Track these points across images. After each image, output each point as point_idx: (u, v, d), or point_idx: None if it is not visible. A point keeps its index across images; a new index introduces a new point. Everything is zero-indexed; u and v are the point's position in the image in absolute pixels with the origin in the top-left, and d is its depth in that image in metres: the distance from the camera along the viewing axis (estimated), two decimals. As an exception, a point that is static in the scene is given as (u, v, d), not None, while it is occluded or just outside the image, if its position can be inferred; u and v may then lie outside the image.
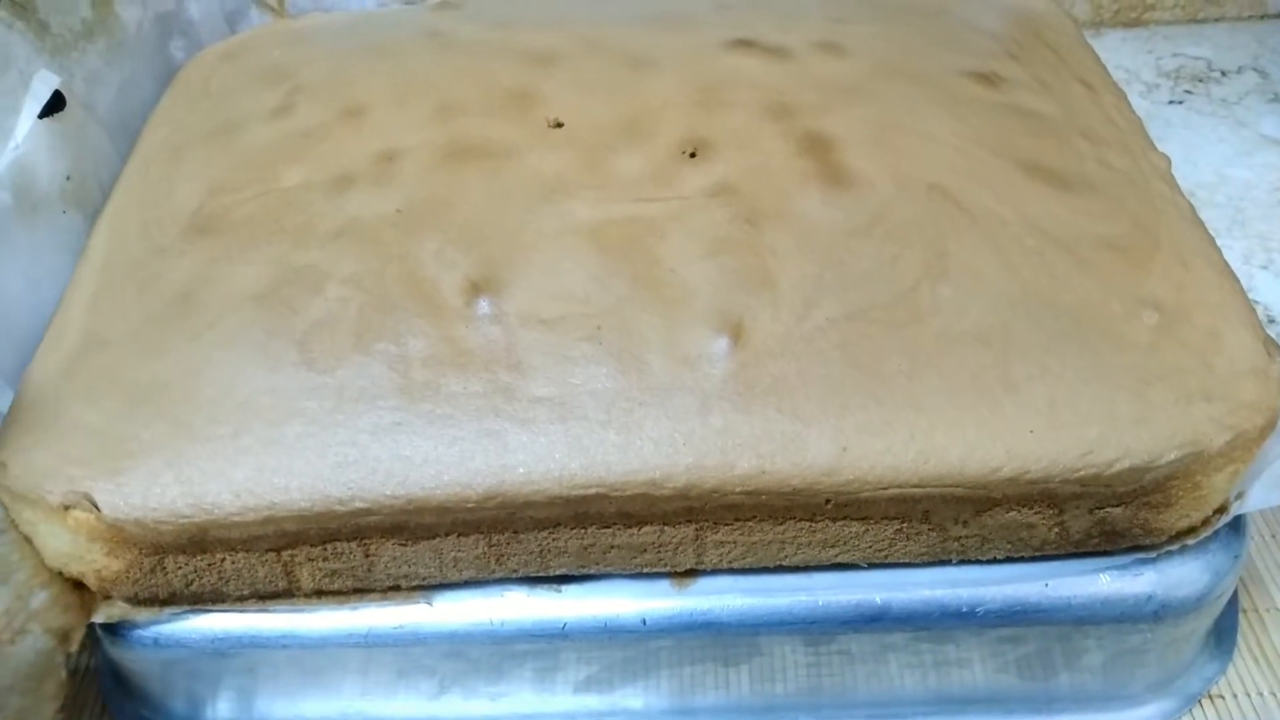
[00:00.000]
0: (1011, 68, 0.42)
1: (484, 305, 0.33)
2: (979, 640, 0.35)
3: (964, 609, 0.34)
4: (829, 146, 0.36)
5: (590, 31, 0.42)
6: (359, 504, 0.31)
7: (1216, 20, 0.70)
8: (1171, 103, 0.66)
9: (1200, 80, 0.65)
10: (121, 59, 0.46)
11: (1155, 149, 0.40)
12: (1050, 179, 0.36)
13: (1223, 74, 0.68)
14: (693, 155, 0.37)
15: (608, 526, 0.32)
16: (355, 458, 0.31)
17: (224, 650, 0.35)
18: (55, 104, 0.41)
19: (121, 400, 0.33)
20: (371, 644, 0.34)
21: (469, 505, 0.31)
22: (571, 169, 0.36)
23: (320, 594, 0.34)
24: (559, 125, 0.38)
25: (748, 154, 0.36)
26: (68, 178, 0.41)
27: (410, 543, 0.32)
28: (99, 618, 0.34)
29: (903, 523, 0.32)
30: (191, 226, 0.37)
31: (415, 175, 0.37)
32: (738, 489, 0.30)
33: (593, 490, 0.31)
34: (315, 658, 0.35)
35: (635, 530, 0.32)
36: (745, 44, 0.41)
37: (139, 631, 0.35)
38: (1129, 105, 0.42)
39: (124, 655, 0.36)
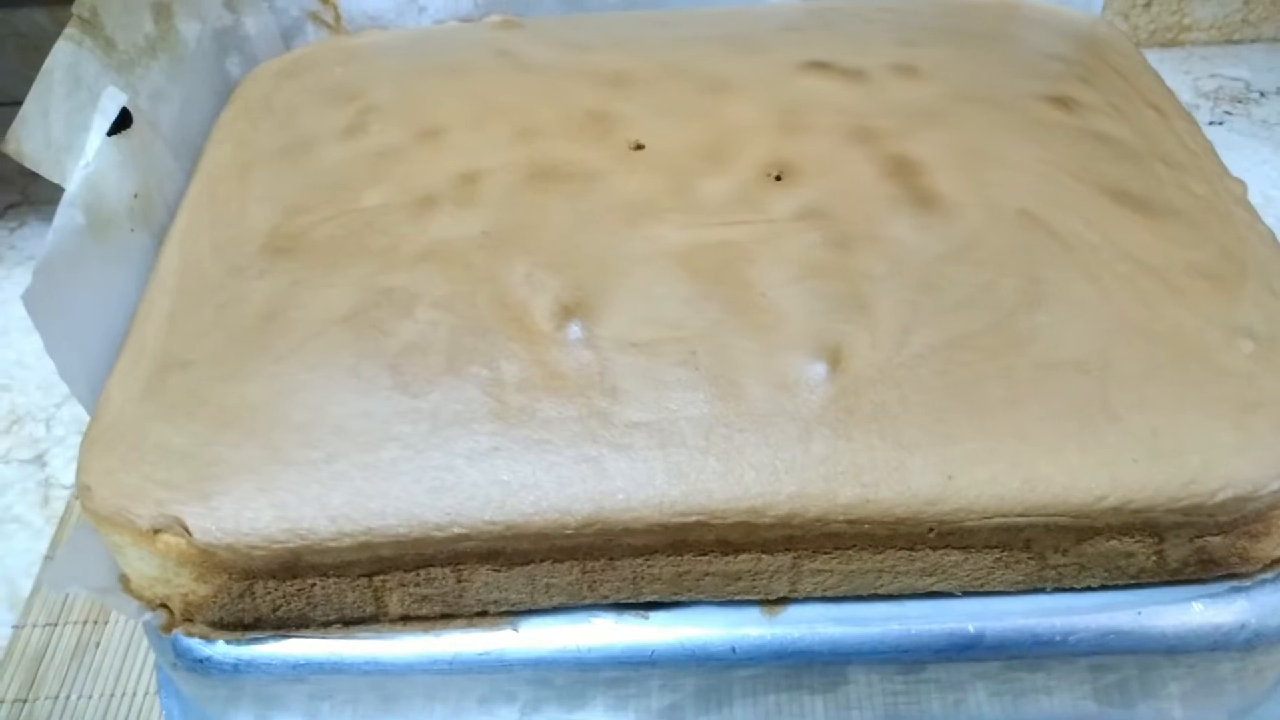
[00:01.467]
0: (1084, 92, 0.42)
1: (575, 329, 0.33)
2: (1069, 668, 0.34)
3: (1057, 637, 0.33)
4: (915, 171, 0.36)
5: (663, 53, 0.42)
6: (457, 530, 0.31)
7: (1253, 41, 0.70)
8: (1212, 124, 0.67)
9: (1239, 101, 0.66)
10: (182, 75, 0.46)
11: (1230, 174, 0.40)
12: (1136, 205, 0.36)
13: (1261, 95, 0.68)
14: (778, 178, 0.36)
15: (704, 554, 0.31)
16: (452, 483, 0.31)
17: (304, 676, 0.34)
18: (122, 121, 0.41)
19: (207, 423, 0.33)
20: (456, 670, 0.34)
21: (567, 532, 0.31)
22: (656, 192, 0.36)
23: (406, 619, 0.34)
24: (639, 148, 0.38)
25: (833, 177, 0.36)
26: (135, 195, 0.41)
27: (504, 568, 0.32)
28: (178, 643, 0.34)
29: (1003, 551, 0.32)
30: (268, 247, 0.37)
31: (498, 197, 0.36)
32: (840, 518, 0.30)
33: (693, 518, 0.30)
34: (396, 684, 0.35)
35: (732, 558, 0.32)
36: (820, 66, 0.41)
37: (217, 657, 0.34)
38: (1200, 130, 0.42)
39: (197, 681, 0.35)
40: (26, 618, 0.45)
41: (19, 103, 0.71)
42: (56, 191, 0.63)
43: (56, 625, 0.44)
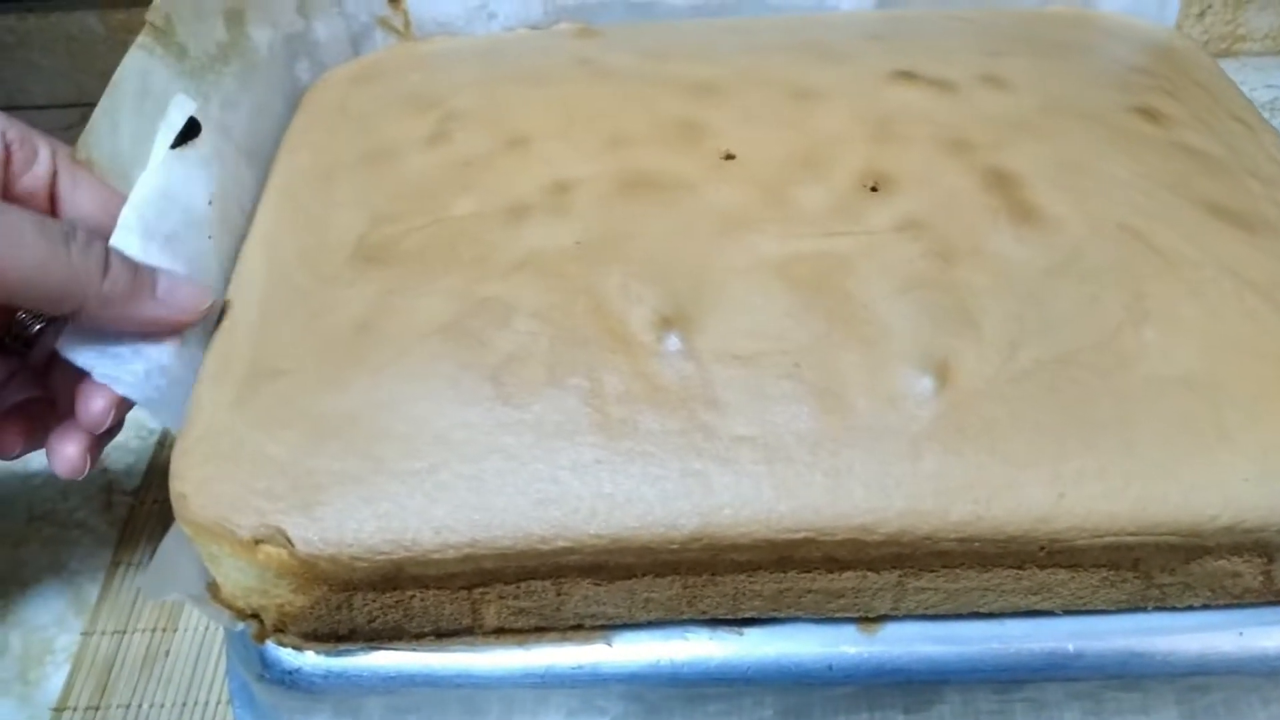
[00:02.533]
0: (1170, 105, 0.41)
1: (674, 341, 0.33)
2: (1167, 688, 0.34)
3: (1158, 657, 0.33)
4: (1014, 183, 0.36)
5: (745, 61, 0.42)
6: (562, 543, 0.30)
7: (1308, 51, 0.70)
8: (1269, 136, 0.66)
9: (1294, 112, 0.65)
10: (253, 81, 0.46)
11: (1320, 189, 0.39)
12: (1233, 220, 0.36)
13: (1316, 105, 0.68)
14: (874, 189, 0.36)
15: (809, 571, 0.31)
16: (557, 495, 0.31)
17: (395, 689, 0.34)
18: (190, 130, 0.40)
19: (306, 432, 0.32)
20: (548, 683, 0.34)
21: (673, 547, 0.30)
22: (751, 202, 0.36)
23: (501, 632, 0.33)
24: (730, 157, 0.38)
25: (931, 189, 0.36)
26: (209, 202, 0.40)
27: (605, 582, 0.32)
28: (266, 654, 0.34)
29: (1110, 570, 0.31)
30: (358, 255, 0.37)
31: (590, 207, 0.36)
32: (952, 535, 0.30)
33: (801, 535, 0.30)
34: (486, 697, 0.34)
35: (836, 575, 0.31)
36: (908, 76, 0.40)
37: (307, 668, 0.34)
38: (1285, 144, 0.41)
39: (282, 693, 0.35)
40: (95, 624, 0.44)
41: (70, 105, 0.72)
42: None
43: (125, 632, 0.44)
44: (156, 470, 0.50)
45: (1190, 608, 0.33)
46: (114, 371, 0.33)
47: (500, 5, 0.49)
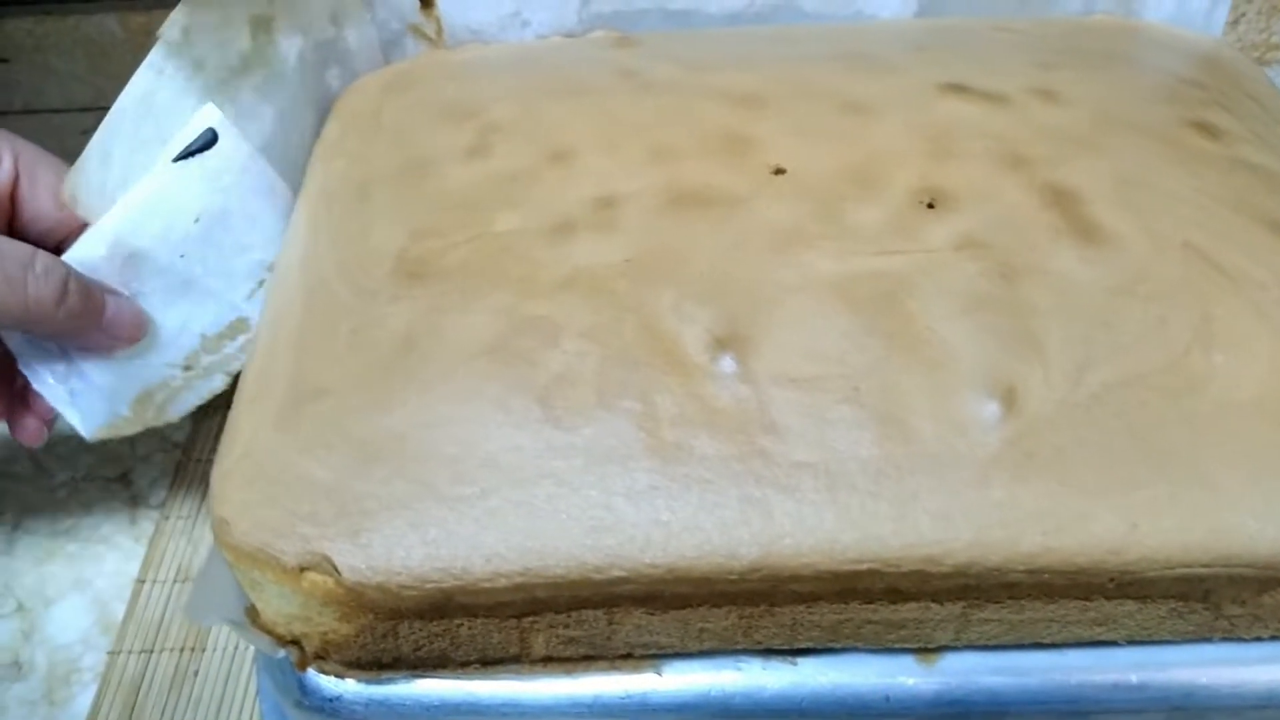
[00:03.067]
0: (1224, 118, 0.40)
1: (729, 362, 0.32)
2: (1231, 721, 0.33)
3: (1225, 689, 0.32)
4: (1074, 200, 0.35)
5: (790, 72, 0.41)
6: (616, 572, 0.29)
7: (1339, 61, 0.69)
8: (1304, 146, 0.65)
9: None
10: (277, 90, 0.45)
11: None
12: (1297, 239, 0.35)
13: (1352, 116, 0.67)
14: (930, 206, 0.35)
15: (870, 602, 0.30)
16: (611, 523, 0.30)
17: (437, 717, 0.33)
18: (206, 143, 0.39)
19: (351, 455, 0.31)
20: (596, 712, 0.33)
21: (731, 577, 0.29)
22: (804, 219, 0.35)
23: (548, 660, 0.32)
24: (780, 171, 0.37)
25: (989, 206, 0.35)
26: (196, 220, 0.39)
27: (658, 612, 0.31)
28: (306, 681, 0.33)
29: (1179, 602, 0.30)
30: (400, 270, 0.36)
31: (639, 223, 0.35)
32: (1021, 567, 0.29)
33: (865, 565, 0.29)
34: (529, 726, 0.33)
35: (899, 606, 0.30)
36: (959, 88, 0.39)
37: (348, 696, 0.33)
38: (1340, 159, 0.40)
39: None
40: (121, 643, 0.44)
41: (87, 109, 0.71)
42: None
43: (153, 652, 0.43)
44: (181, 484, 0.49)
45: (1258, 639, 0.32)
46: (51, 387, 0.38)
47: (534, 13, 0.48)
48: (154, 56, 0.38)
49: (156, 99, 0.38)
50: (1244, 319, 0.32)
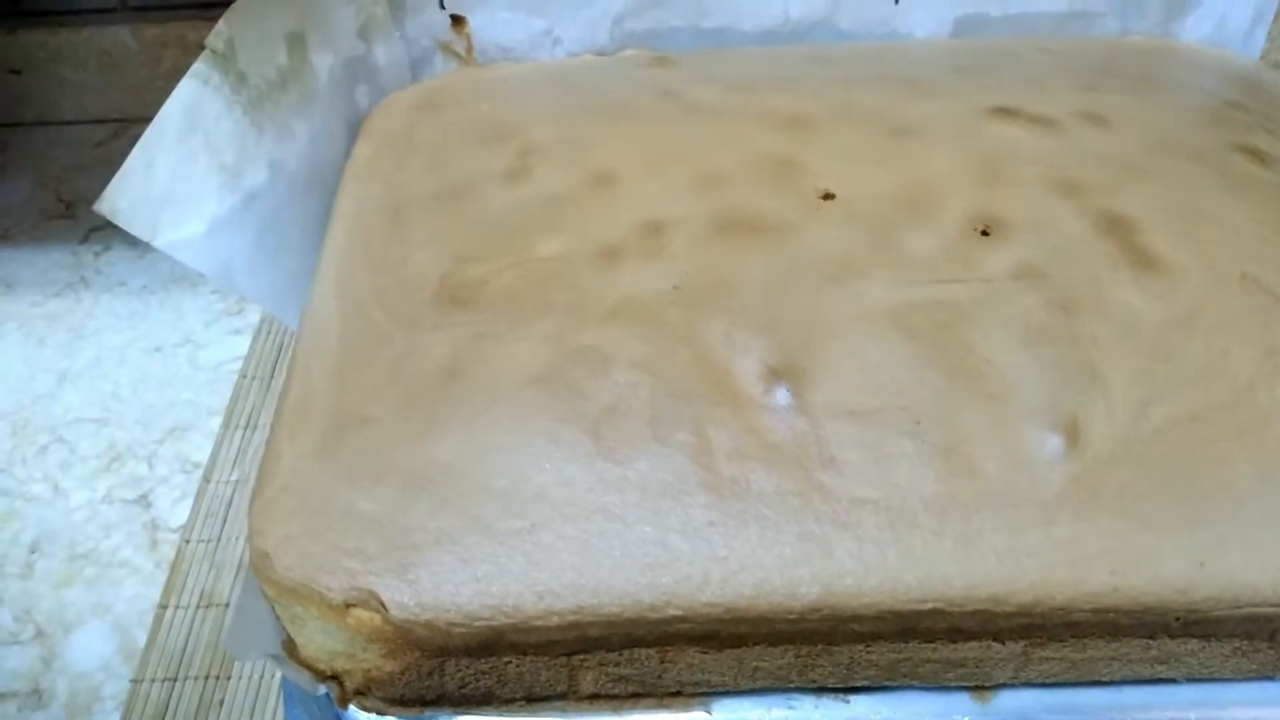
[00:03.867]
0: (1270, 142, 0.40)
1: (784, 394, 0.31)
2: (1291, 762, 0.32)
3: (1286, 730, 0.31)
4: (1129, 229, 0.34)
5: (835, 95, 0.40)
6: (672, 611, 0.29)
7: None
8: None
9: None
10: (311, 108, 0.44)
11: None
12: (1354, 269, 0.34)
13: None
14: (984, 233, 0.35)
15: (932, 641, 0.30)
16: (667, 560, 0.29)
17: (478, 755, 0.32)
18: None
19: (397, 487, 0.31)
20: (643, 752, 0.32)
21: (790, 616, 0.29)
22: (857, 246, 0.34)
23: (595, 698, 0.32)
24: (829, 197, 0.36)
25: (1045, 234, 0.34)
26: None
27: (713, 650, 0.30)
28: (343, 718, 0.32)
29: (1244, 640, 0.30)
30: (441, 297, 0.35)
31: (687, 249, 0.35)
32: (1087, 606, 0.28)
33: (929, 605, 0.28)
34: (574, 763, 0.33)
35: (959, 645, 0.30)
36: (1008, 112, 0.39)
37: (390, 734, 0.32)
38: (1386, 185, 0.40)
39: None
40: (144, 671, 0.43)
41: (100, 121, 0.70)
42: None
43: (177, 680, 0.42)
44: (202, 506, 0.48)
45: (1319, 678, 0.32)
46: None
47: (565, 30, 0.48)
48: (200, 66, 0.38)
49: (203, 109, 0.38)
50: (1306, 352, 0.32)
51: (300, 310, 0.37)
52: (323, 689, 0.31)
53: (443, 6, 0.47)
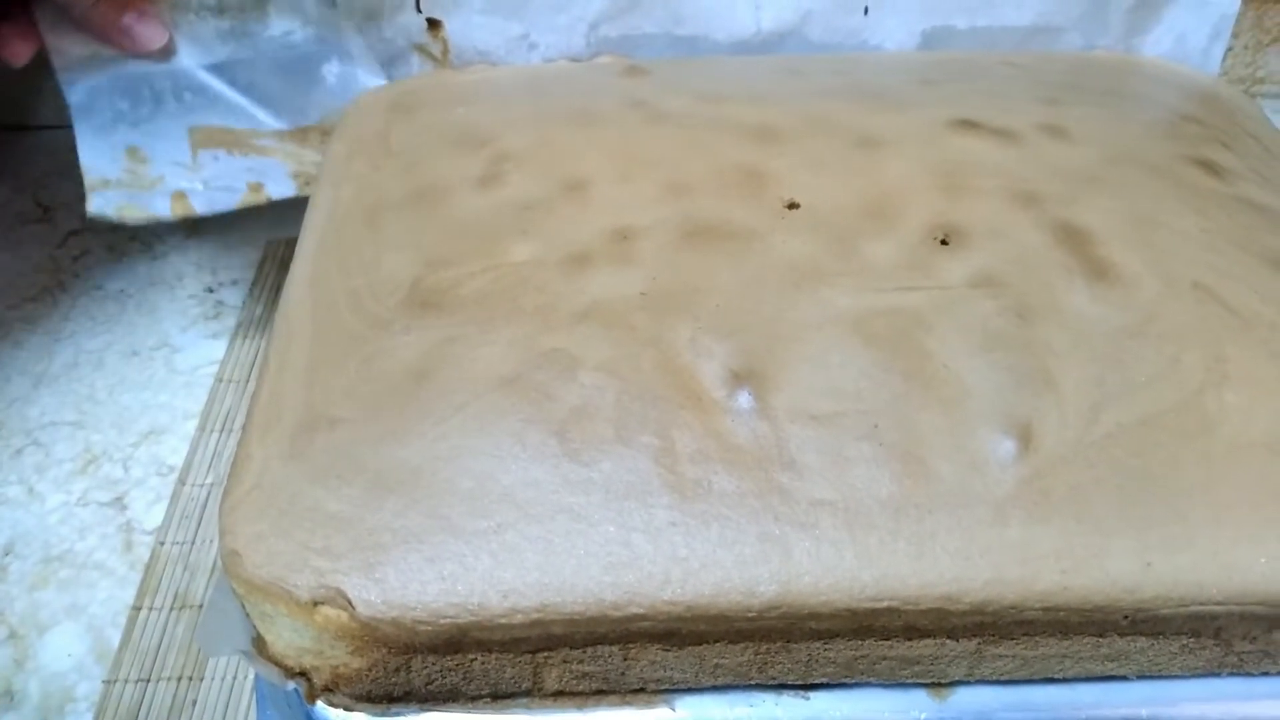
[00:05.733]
0: (1227, 156, 0.41)
1: (747, 398, 0.32)
2: (1238, 757, 0.33)
3: (1233, 726, 0.32)
4: (1086, 239, 0.35)
5: (804, 106, 0.41)
6: (634, 609, 0.29)
7: (1322, 94, 0.70)
8: (1291, 179, 0.66)
9: (1317, 155, 0.65)
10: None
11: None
12: (1303, 278, 0.35)
13: (1337, 150, 0.68)
14: (944, 242, 0.35)
15: (887, 639, 0.30)
16: (629, 559, 0.30)
17: (445, 751, 0.33)
18: None
19: (365, 487, 0.31)
20: (607, 749, 0.32)
21: (749, 614, 0.29)
22: (820, 254, 0.35)
23: (560, 695, 0.32)
24: (794, 206, 0.37)
25: (1003, 243, 0.35)
26: None
27: (675, 648, 0.31)
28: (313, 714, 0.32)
29: (1191, 638, 0.31)
30: (412, 300, 0.35)
31: (655, 256, 0.35)
32: (1037, 605, 0.29)
33: (885, 604, 0.29)
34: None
35: (915, 643, 0.30)
36: (970, 125, 0.40)
37: (357, 732, 0.32)
38: (1339, 198, 0.41)
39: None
40: (117, 672, 0.43)
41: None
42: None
43: (150, 681, 0.43)
44: (178, 509, 0.48)
45: (1265, 674, 0.32)
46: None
47: (541, 35, 0.48)
48: None
49: None
50: (1256, 359, 0.33)
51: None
52: (291, 685, 0.32)
53: (419, 9, 0.48)
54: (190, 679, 0.43)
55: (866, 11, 0.47)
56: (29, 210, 0.65)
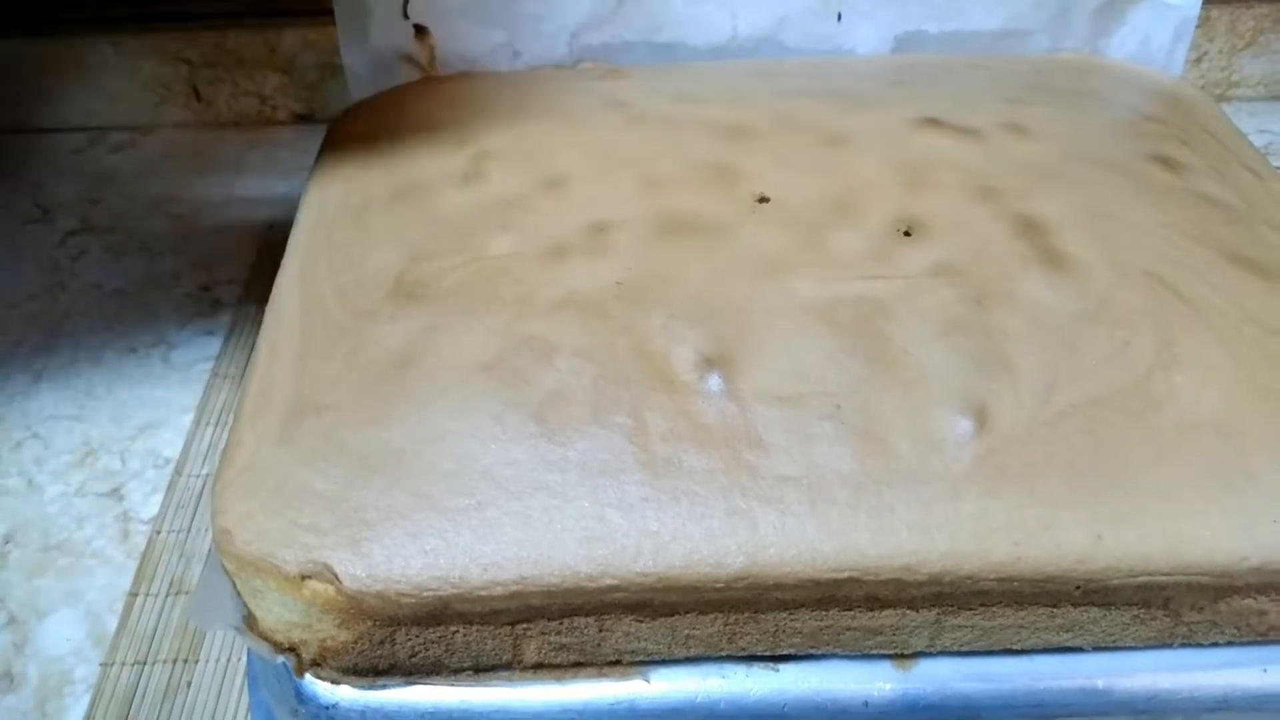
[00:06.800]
0: (1185, 153, 0.43)
1: (716, 380, 0.33)
2: (1191, 726, 0.35)
3: (1183, 693, 0.33)
4: (1043, 230, 0.37)
5: (776, 107, 0.43)
6: (608, 581, 0.31)
7: (1299, 98, 0.71)
8: (1264, 180, 0.68)
9: (1289, 157, 0.67)
10: None
11: (1328, 237, 0.40)
12: (1253, 268, 0.37)
13: (1310, 151, 0.70)
14: (907, 234, 0.37)
15: (850, 609, 0.32)
16: (603, 533, 0.31)
17: (429, 723, 0.34)
18: None
19: (351, 468, 0.33)
20: (586, 719, 0.34)
21: (718, 585, 0.31)
22: (788, 246, 0.36)
23: (539, 667, 0.34)
24: (764, 201, 0.38)
25: (963, 235, 0.37)
26: None
27: (647, 619, 0.32)
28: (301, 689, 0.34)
29: (1141, 609, 0.32)
30: (397, 292, 0.37)
31: (630, 248, 0.37)
32: (992, 575, 0.30)
33: (845, 574, 0.31)
34: (521, 732, 0.34)
35: (876, 613, 0.32)
36: (934, 123, 0.41)
37: (344, 704, 0.34)
38: (1293, 192, 0.43)
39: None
40: (114, 655, 0.44)
41: (78, 129, 0.72)
42: (119, 218, 0.64)
43: (146, 664, 0.44)
44: (173, 499, 0.50)
45: (1215, 644, 0.34)
46: None
47: (525, 44, 0.50)
48: None
49: None
50: (1204, 343, 0.34)
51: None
52: (280, 659, 0.33)
53: (406, 16, 0.49)
54: (185, 661, 0.44)
55: (840, 18, 0.48)
56: (29, 211, 0.66)
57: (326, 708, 0.34)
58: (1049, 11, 0.49)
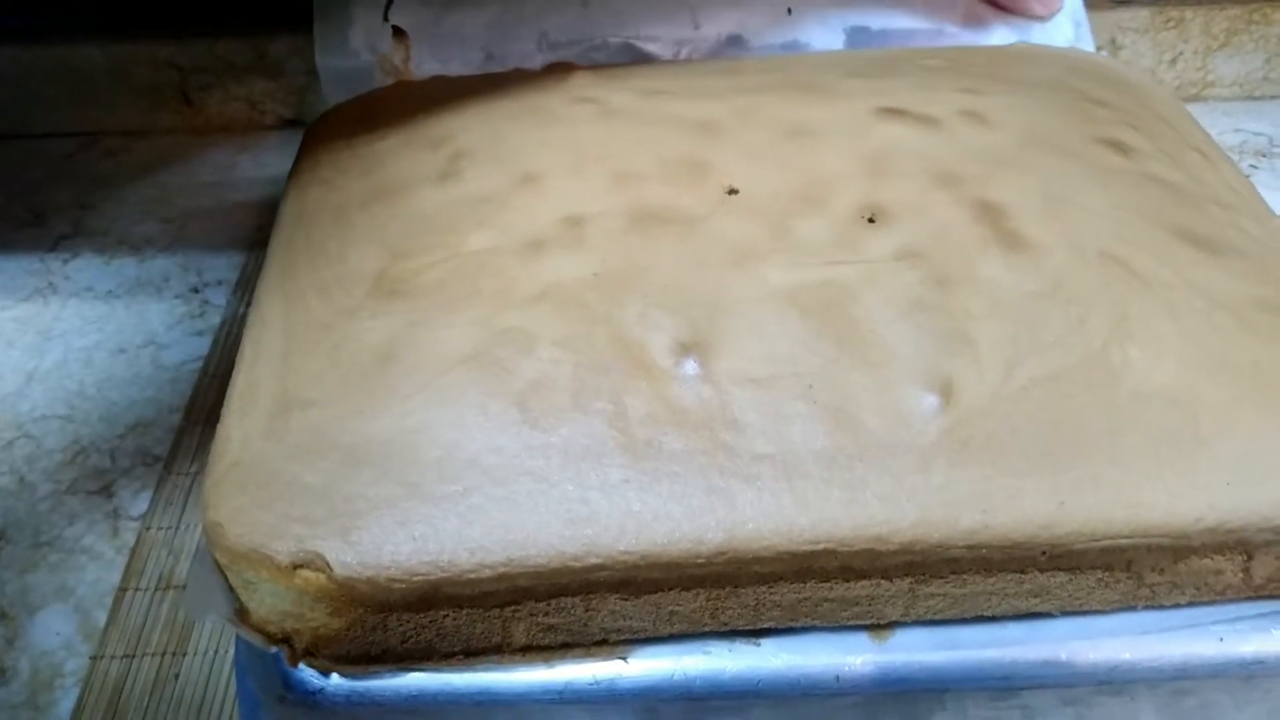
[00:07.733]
0: (1136, 138, 0.44)
1: (692, 365, 0.34)
2: (1150, 693, 0.36)
3: (1144, 663, 0.34)
4: (1001, 214, 0.38)
5: (742, 101, 0.44)
6: (593, 560, 0.32)
7: (1273, 98, 0.73)
8: (1238, 176, 0.70)
9: (1264, 155, 0.69)
10: None
11: (1275, 214, 0.42)
12: (1201, 245, 0.39)
13: (1283, 149, 0.71)
14: (871, 220, 0.38)
15: (826, 580, 0.33)
16: (587, 515, 0.32)
17: (418, 708, 0.35)
18: None
19: (338, 460, 0.33)
20: (567, 700, 0.35)
21: (699, 561, 0.32)
22: (757, 235, 0.38)
23: (528, 649, 0.34)
24: (734, 192, 0.40)
25: (925, 220, 0.38)
26: None
27: (632, 597, 0.33)
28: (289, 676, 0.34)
29: (1105, 572, 0.33)
30: (378, 289, 0.38)
31: (605, 240, 0.38)
32: (961, 543, 0.32)
33: (821, 546, 0.32)
34: (505, 715, 0.35)
35: (852, 584, 0.33)
36: (895, 113, 0.43)
37: (330, 689, 0.35)
38: (1240, 174, 0.45)
39: (304, 715, 0.36)
40: (103, 648, 0.45)
41: (70, 135, 0.72)
42: (110, 222, 0.64)
43: (134, 657, 0.45)
44: (162, 497, 0.50)
45: (1177, 605, 0.35)
46: None
47: (498, 46, 0.51)
48: None
49: None
50: (1156, 317, 0.36)
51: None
52: (274, 649, 0.34)
53: (386, 19, 0.50)
54: (174, 654, 0.45)
55: (790, 11, 0.50)
56: (22, 215, 0.67)
57: (313, 694, 0.34)
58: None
